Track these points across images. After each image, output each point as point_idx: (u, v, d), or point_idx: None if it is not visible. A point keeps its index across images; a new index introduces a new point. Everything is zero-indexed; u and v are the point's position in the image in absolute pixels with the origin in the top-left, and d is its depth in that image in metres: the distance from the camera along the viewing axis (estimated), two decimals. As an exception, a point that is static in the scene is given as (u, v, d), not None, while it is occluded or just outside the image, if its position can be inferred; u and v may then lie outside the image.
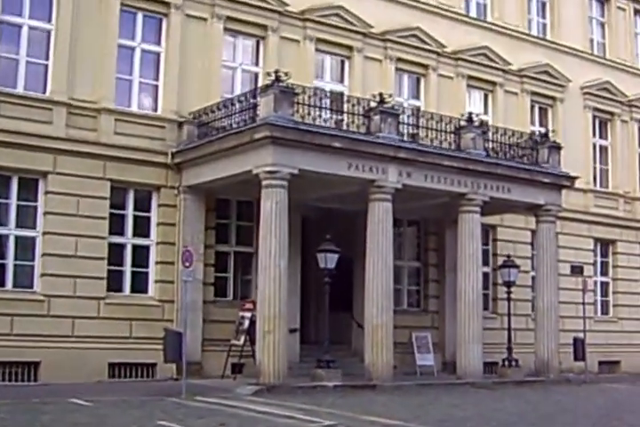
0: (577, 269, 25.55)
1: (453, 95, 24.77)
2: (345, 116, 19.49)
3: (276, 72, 18.06)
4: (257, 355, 17.64)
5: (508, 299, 21.99)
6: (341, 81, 23.24)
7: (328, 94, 19.41)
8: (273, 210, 17.69)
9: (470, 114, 20.79)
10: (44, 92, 18.95)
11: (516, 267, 22.07)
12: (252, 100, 18.80)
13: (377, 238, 19.03)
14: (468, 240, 20.45)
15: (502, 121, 24.88)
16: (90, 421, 12.71)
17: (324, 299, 19.48)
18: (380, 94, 19.40)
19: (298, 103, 18.34)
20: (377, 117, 19.21)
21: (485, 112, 25.74)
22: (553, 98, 27.29)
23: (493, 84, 25.89)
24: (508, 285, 21.94)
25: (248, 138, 18.03)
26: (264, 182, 17.83)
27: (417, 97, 24.56)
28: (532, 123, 26.62)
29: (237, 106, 19.17)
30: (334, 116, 19.27)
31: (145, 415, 13.39)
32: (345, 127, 19.37)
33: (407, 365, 21.82)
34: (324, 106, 19.02)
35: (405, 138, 20.63)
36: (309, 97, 18.64)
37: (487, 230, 25.24)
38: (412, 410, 14.94)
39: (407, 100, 24.17)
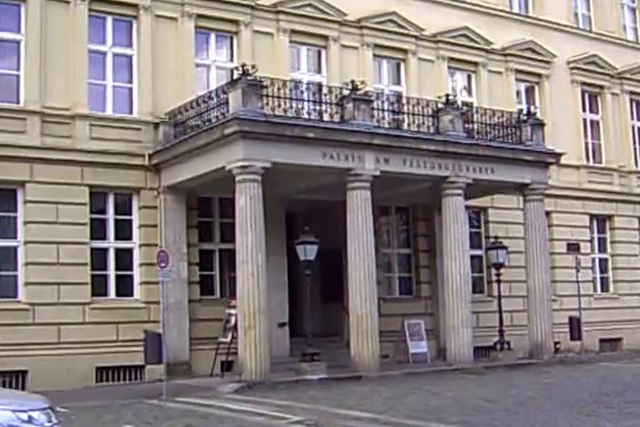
0: (573, 247, 24.89)
1: (435, 78, 24.14)
2: (318, 106, 18.97)
3: (243, 66, 17.65)
4: (239, 352, 17.26)
5: (498, 281, 21.43)
6: (319, 71, 22.74)
7: (299, 85, 18.81)
8: (248, 205, 17.31)
9: (447, 95, 20.18)
10: (18, 103, 18.71)
11: (504, 248, 21.41)
12: (222, 96, 18.32)
13: (357, 227, 18.53)
14: (452, 224, 19.89)
15: (487, 101, 24.32)
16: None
17: (312, 291, 19.12)
18: (352, 82, 18.90)
19: (267, 96, 17.93)
20: (350, 105, 18.72)
21: (469, 93, 25.16)
22: (539, 75, 26.51)
23: (476, 64, 25.19)
24: (497, 267, 21.33)
25: (218, 134, 17.65)
26: (237, 178, 17.45)
27: (397, 82, 23.97)
28: (519, 101, 25.86)
29: (209, 103, 18.76)
30: (305, 107, 18.67)
31: (114, 420, 13.15)
32: (318, 117, 18.89)
33: (402, 353, 21.35)
34: (294, 97, 18.47)
35: (387, 124, 20.20)
36: (279, 89, 18.17)
37: (478, 213, 24.76)
38: (389, 401, 14.48)
39: (387, 86, 23.61)
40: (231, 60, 21.49)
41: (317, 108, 18.85)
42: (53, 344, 17.94)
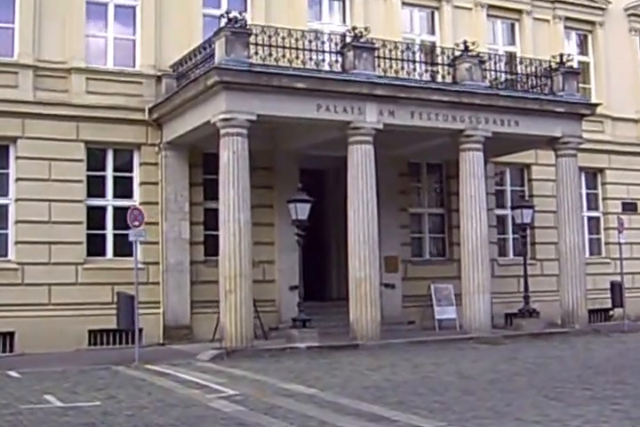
0: (630, 207, 22.07)
1: (473, 27, 21.43)
2: (316, 55, 16.77)
3: (228, 13, 15.74)
4: (220, 317, 15.54)
5: (524, 243, 18.88)
6: (343, 21, 20.45)
7: (293, 33, 16.60)
8: (231, 160, 15.42)
9: (465, 42, 17.65)
10: (12, 56, 17.37)
11: (530, 207, 18.66)
12: (213, 46, 16.43)
13: (357, 184, 16.35)
14: (469, 180, 17.50)
15: (532, 52, 21.53)
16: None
17: (339, 254, 17.42)
18: (354, 28, 16.71)
19: (257, 44, 15.97)
20: (350, 54, 16.51)
21: (513, 43, 22.41)
22: (592, 23, 23.38)
23: (519, 12, 22.34)
24: (523, 228, 18.65)
25: (202, 86, 15.88)
26: (221, 131, 15.60)
27: (432, 32, 21.43)
28: (570, 51, 22.80)
29: (203, 53, 16.91)
30: (301, 56, 16.49)
31: (50, 387, 11.74)
32: (316, 67, 16.75)
33: (429, 319, 19.18)
34: (289, 46, 16.34)
35: (417, 76, 17.91)
36: (270, 37, 16.12)
37: (522, 170, 22.17)
38: (355, 374, 12.44)
39: (419, 36, 21.07)
40: (245, 10, 19.43)
41: (314, 57, 16.66)
42: (43, 305, 16.68)
